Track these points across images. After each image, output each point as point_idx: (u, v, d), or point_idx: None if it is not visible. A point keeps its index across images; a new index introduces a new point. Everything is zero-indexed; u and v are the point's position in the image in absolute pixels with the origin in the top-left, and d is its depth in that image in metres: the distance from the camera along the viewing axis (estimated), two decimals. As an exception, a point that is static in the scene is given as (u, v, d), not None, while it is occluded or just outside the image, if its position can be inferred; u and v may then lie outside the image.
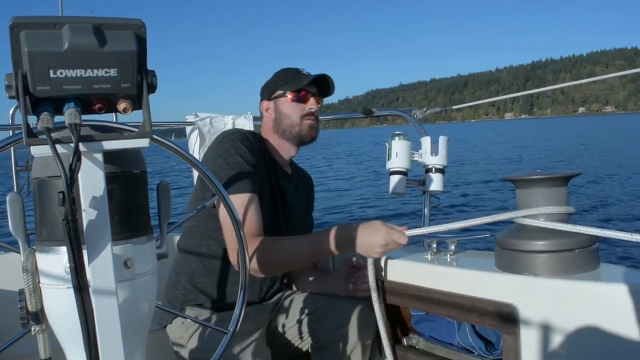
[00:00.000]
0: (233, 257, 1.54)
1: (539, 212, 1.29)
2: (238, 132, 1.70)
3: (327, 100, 1.89)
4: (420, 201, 2.19)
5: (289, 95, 1.74)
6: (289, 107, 1.75)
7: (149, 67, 0.75)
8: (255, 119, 2.86)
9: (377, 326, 1.68)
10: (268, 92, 1.80)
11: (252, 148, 1.64)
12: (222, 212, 1.56)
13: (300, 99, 1.74)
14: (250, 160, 1.60)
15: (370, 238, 1.45)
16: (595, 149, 26.75)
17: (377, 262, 1.66)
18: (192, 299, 1.66)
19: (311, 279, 1.85)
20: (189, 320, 1.59)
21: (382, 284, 1.65)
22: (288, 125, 1.75)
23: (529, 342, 1.29)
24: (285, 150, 1.80)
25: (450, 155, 1.88)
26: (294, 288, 1.88)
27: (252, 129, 2.81)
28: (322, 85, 1.79)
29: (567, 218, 1.30)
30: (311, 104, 1.75)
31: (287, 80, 1.76)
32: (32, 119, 0.71)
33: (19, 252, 0.81)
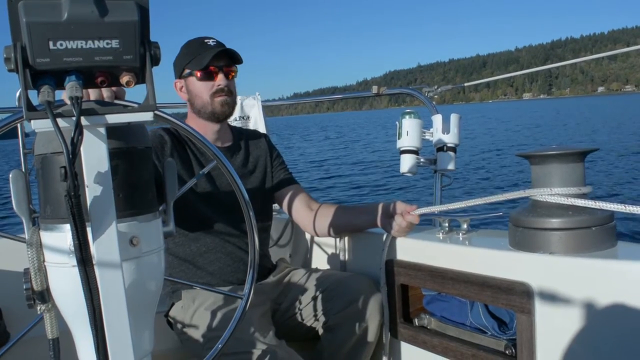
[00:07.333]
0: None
1: (555, 188, 1.26)
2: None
3: (344, 82, 1.90)
4: (432, 180, 2.16)
5: (197, 74, 1.68)
6: (198, 86, 1.70)
7: (152, 39, 0.72)
8: (264, 100, 2.83)
9: (388, 306, 1.67)
10: (178, 70, 1.74)
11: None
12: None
13: (208, 76, 1.68)
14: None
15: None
16: (613, 127, 26.16)
17: (390, 241, 1.65)
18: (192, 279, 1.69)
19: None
20: (187, 303, 1.61)
21: (394, 263, 1.63)
22: (201, 106, 1.71)
23: (543, 321, 1.27)
24: (209, 128, 1.74)
25: (462, 134, 1.84)
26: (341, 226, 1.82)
27: (260, 109, 2.78)
28: (232, 54, 1.69)
29: (584, 195, 1.26)
30: (220, 80, 1.68)
31: (192, 57, 1.68)
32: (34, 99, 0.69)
33: (24, 242, 0.79)
